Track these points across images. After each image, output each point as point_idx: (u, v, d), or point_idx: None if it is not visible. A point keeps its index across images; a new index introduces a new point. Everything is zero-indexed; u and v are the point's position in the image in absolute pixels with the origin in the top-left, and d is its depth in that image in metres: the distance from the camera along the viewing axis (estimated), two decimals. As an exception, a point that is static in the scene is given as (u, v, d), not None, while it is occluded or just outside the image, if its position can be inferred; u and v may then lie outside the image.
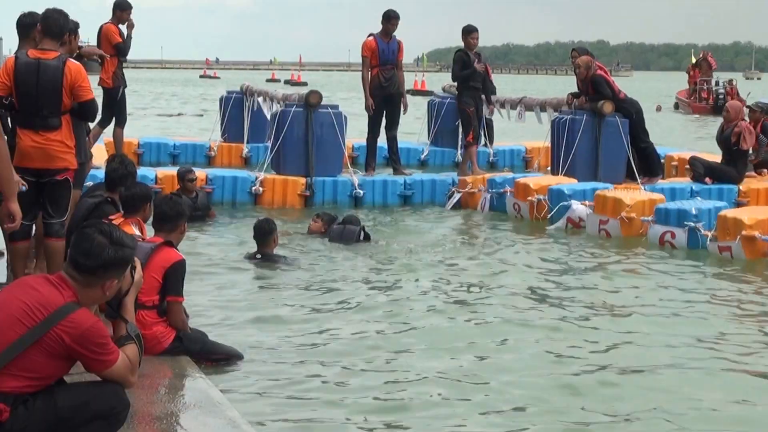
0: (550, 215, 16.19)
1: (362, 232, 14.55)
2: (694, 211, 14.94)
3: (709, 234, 14.46)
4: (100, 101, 10.92)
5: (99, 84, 17.19)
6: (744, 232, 13.96)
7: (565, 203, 16.11)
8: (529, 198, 16.56)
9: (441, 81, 31.24)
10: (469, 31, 19.74)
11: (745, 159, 18.36)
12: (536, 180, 17.27)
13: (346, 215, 15.29)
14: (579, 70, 18.61)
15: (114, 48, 18.02)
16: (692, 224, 14.70)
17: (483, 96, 20.21)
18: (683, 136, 34.34)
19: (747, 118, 19.19)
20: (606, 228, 15.56)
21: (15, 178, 8.57)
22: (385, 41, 19.38)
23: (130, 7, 18.73)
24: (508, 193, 17.15)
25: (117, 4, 18.57)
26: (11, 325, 5.14)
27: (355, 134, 22.31)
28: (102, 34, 18.22)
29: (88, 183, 12.53)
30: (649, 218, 15.31)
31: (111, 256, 5.31)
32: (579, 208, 15.96)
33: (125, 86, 18.44)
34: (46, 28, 9.52)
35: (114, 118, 18.33)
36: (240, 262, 13.20)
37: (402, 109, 19.69)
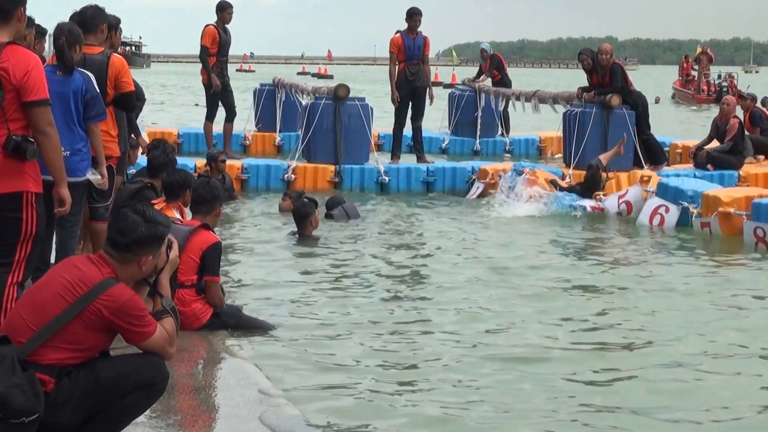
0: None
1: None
2: (691, 192, 14.80)
3: (695, 211, 14.52)
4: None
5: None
6: (720, 209, 14.02)
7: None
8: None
9: (459, 75, 31.10)
10: None
11: (743, 147, 18.43)
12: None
13: (329, 198, 15.26)
14: (605, 56, 18.66)
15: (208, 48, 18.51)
16: (685, 204, 14.70)
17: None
18: (687, 126, 34.14)
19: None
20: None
21: (96, 177, 8.63)
22: (411, 37, 19.42)
23: (229, 6, 18.91)
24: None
25: (216, 5, 18.84)
26: (54, 301, 5.17)
27: (381, 124, 22.31)
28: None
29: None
30: (652, 189, 15.43)
31: (144, 233, 5.32)
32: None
33: (224, 83, 18.79)
34: (82, 26, 9.49)
35: (220, 112, 18.97)
36: (272, 242, 13.19)
37: (429, 101, 19.76)
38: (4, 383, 4.92)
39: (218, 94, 19.01)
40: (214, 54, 18.83)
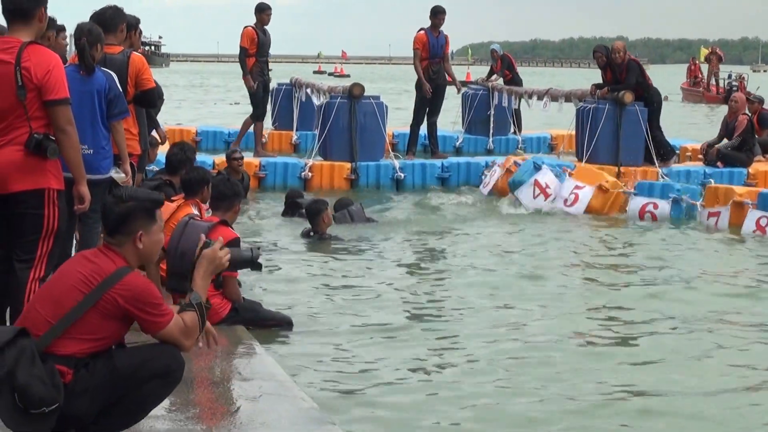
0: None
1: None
2: (678, 186, 15.54)
3: (697, 203, 14.93)
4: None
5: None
6: (735, 199, 14.44)
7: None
8: None
9: (474, 74, 31.08)
10: None
11: (752, 143, 18.45)
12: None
13: (336, 201, 14.90)
14: (618, 54, 18.69)
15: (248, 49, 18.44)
16: (677, 196, 15.13)
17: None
18: (697, 130, 34.02)
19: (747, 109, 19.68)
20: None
21: (120, 175, 8.62)
22: (435, 35, 19.47)
23: (267, 8, 18.88)
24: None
25: (255, 7, 18.83)
26: (70, 294, 5.19)
27: (395, 124, 22.32)
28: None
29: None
30: (631, 191, 15.63)
31: (121, 211, 5.35)
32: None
33: (264, 83, 18.70)
34: (102, 26, 9.47)
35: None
36: (287, 239, 13.19)
37: (456, 90, 20.63)
38: (24, 375, 4.95)
39: (259, 93, 18.96)
40: (254, 54, 18.82)
